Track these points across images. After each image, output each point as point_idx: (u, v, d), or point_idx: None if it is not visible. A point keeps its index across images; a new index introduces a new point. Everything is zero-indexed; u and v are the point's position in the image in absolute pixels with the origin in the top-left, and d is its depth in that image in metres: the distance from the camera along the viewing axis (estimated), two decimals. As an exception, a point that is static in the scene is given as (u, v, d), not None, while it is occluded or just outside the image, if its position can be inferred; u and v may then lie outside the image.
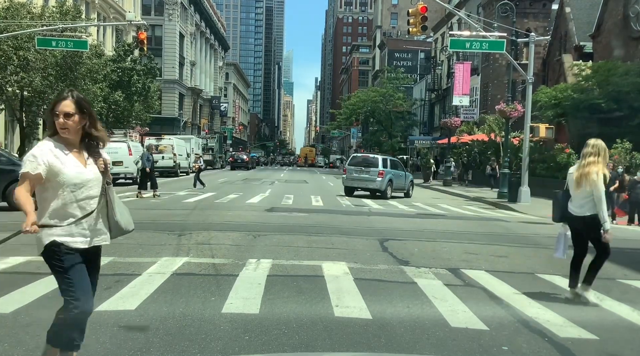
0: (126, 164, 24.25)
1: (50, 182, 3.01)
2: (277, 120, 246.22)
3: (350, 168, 21.37)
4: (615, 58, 25.91)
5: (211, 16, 76.47)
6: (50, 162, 2.98)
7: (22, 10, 24.09)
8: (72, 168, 3.04)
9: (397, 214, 15.29)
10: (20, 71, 23.10)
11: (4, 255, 7.26)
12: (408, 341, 4.33)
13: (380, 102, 54.15)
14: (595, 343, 4.52)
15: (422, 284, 6.31)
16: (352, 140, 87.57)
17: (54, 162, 2.99)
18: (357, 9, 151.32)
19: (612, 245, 6.11)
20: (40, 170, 2.95)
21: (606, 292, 6.33)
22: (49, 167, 2.97)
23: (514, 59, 21.41)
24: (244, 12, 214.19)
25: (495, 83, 39.58)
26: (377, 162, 20.93)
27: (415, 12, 19.14)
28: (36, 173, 2.95)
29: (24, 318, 4.59)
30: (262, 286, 5.92)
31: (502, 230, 12.53)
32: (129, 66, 33.58)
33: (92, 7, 39.74)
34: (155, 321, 4.58)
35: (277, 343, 4.16)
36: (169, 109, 56.07)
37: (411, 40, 65.96)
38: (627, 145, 19.76)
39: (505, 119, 22.64)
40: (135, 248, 8.08)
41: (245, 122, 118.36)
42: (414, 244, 9.55)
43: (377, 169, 20.51)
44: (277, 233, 10.15)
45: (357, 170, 20.99)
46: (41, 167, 2.96)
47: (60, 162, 3.01)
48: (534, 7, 38.53)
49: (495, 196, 21.70)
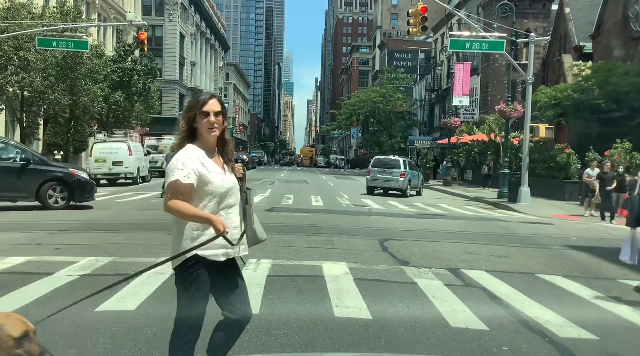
0: (126, 164, 24.26)
1: (197, 192, 2.77)
2: (277, 120, 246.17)
3: (374, 170, 23.11)
4: (615, 58, 25.90)
5: (211, 16, 76.46)
6: (199, 170, 2.76)
7: (23, 11, 24.08)
8: (217, 176, 2.82)
9: (397, 214, 15.29)
10: (21, 71, 23.09)
11: (4, 255, 7.26)
12: (408, 341, 4.34)
13: (380, 102, 54.19)
14: (595, 343, 4.52)
15: (422, 284, 6.31)
16: (352, 140, 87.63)
17: (202, 169, 2.77)
18: (357, 9, 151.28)
19: (611, 245, 6.11)
20: (191, 180, 2.73)
21: (606, 292, 6.33)
22: (198, 176, 2.75)
23: (513, 59, 21.41)
24: (244, 12, 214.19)
25: (495, 83, 39.58)
26: (399, 164, 22.81)
27: (415, 13, 19.14)
28: (187, 182, 2.72)
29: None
30: (262, 286, 5.93)
31: (502, 230, 12.53)
32: (129, 66, 33.55)
33: (93, 8, 39.75)
34: (155, 321, 4.58)
35: (277, 343, 4.16)
36: (169, 109, 56.06)
37: (411, 40, 65.94)
38: (627, 145, 19.75)
39: (505, 119, 22.64)
40: (135, 248, 8.09)
41: (245, 122, 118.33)
42: (414, 244, 9.55)
43: (399, 170, 22.41)
44: (277, 233, 10.14)
45: (380, 172, 22.80)
46: (192, 175, 2.73)
47: (207, 170, 2.79)
48: (533, 8, 38.53)
49: (494, 196, 21.69)
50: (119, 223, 11.42)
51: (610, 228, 14.04)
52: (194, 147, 2.83)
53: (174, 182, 2.72)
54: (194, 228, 2.78)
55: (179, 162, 2.75)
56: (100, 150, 24.51)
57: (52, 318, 3.17)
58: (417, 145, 52.94)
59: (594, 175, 16.65)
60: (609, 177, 15.53)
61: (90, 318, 4.62)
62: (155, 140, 35.06)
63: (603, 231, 13.28)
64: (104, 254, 7.48)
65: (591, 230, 13.43)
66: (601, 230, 13.53)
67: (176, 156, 2.80)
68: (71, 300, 5.35)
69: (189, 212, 2.72)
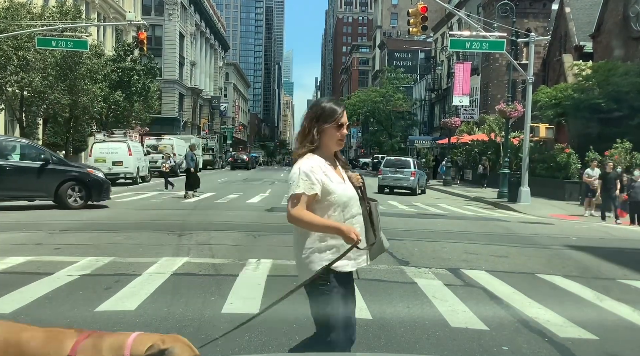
0: (126, 164, 24.28)
1: (320, 203, 2.71)
2: (277, 120, 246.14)
3: (386, 170, 24.32)
4: (615, 58, 25.91)
5: (211, 16, 76.45)
6: (323, 180, 2.69)
7: (22, 10, 24.09)
8: (339, 186, 2.75)
9: (397, 214, 15.28)
10: (20, 71, 23.09)
11: (4, 255, 7.26)
12: (408, 341, 4.33)
13: (380, 102, 54.20)
14: (595, 343, 4.52)
15: (422, 284, 6.31)
16: (352, 140, 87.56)
17: (325, 179, 2.70)
18: (357, 9, 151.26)
19: (612, 245, 6.12)
20: (316, 190, 2.66)
21: (606, 292, 6.33)
22: (322, 186, 2.69)
23: (514, 59, 21.42)
24: (244, 12, 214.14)
25: (495, 83, 39.59)
26: (410, 164, 24.22)
27: (415, 12, 19.13)
28: (312, 194, 2.65)
29: (24, 318, 4.58)
30: (262, 286, 5.92)
31: (502, 230, 12.52)
32: (129, 66, 33.55)
33: (92, 7, 39.74)
34: (155, 321, 4.58)
35: (277, 343, 4.16)
36: (169, 109, 56.05)
37: (411, 40, 65.95)
38: (627, 145, 19.75)
39: (505, 119, 22.65)
40: (135, 248, 8.09)
41: (245, 122, 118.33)
42: (414, 244, 9.55)
43: (410, 170, 23.65)
44: (277, 233, 10.13)
45: (392, 171, 23.94)
46: (316, 186, 2.66)
47: (329, 180, 2.72)
48: (534, 7, 38.54)
49: (494, 196, 21.70)
50: (119, 223, 11.42)
51: (611, 228, 14.04)
52: (316, 156, 2.75)
53: (298, 194, 2.65)
54: (318, 239, 2.70)
55: (302, 172, 2.68)
56: (100, 150, 24.53)
57: (52, 318, 3.17)
58: (417, 145, 52.97)
59: (594, 175, 16.65)
60: (612, 177, 15.51)
61: (91, 318, 4.62)
62: (155, 140, 35.08)
63: (603, 231, 13.28)
64: (104, 254, 7.47)
65: (591, 230, 13.43)
66: (601, 230, 13.53)
67: (298, 166, 2.72)
68: (71, 300, 5.36)
69: (317, 222, 2.66)
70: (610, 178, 15.50)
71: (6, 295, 5.27)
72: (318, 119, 2.76)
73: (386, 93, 53.85)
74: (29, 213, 12.81)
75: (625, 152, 19.62)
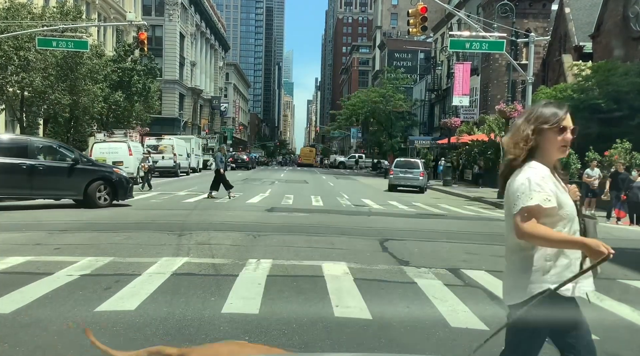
0: (126, 164, 24.27)
1: (550, 217, 2.39)
2: (277, 120, 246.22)
3: (397, 170, 26.21)
4: (615, 58, 25.90)
5: (211, 16, 76.48)
6: (555, 191, 2.40)
7: (23, 11, 24.11)
8: (568, 197, 2.46)
9: (397, 214, 15.28)
10: (21, 71, 23.11)
11: (4, 255, 7.26)
12: (408, 341, 4.33)
13: (380, 102, 54.18)
14: (595, 343, 4.51)
15: (422, 284, 6.31)
16: (352, 141, 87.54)
17: (556, 190, 2.42)
18: (357, 9, 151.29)
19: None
20: (553, 202, 2.36)
21: (606, 292, 6.32)
22: (556, 198, 2.39)
23: (513, 59, 21.44)
24: (244, 12, 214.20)
25: (495, 83, 39.57)
26: (419, 165, 26.39)
27: (415, 13, 19.14)
28: (550, 206, 2.36)
29: (24, 318, 4.59)
30: (262, 286, 5.92)
31: (502, 230, 12.49)
32: (129, 66, 33.58)
33: (93, 8, 39.76)
34: (155, 321, 4.58)
35: (277, 343, 4.15)
36: (169, 109, 56.07)
37: (411, 40, 65.96)
38: (627, 145, 19.75)
39: (505, 119, 22.68)
40: (135, 248, 8.09)
41: (245, 122, 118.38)
42: (414, 244, 9.55)
43: (419, 170, 25.79)
44: (277, 233, 10.14)
45: (402, 171, 25.89)
46: (552, 198, 2.36)
47: (560, 191, 2.43)
48: (533, 8, 38.53)
49: (494, 196, 21.67)
50: (118, 223, 11.41)
51: (611, 228, 14.04)
52: (540, 164, 2.45)
53: (532, 207, 2.34)
54: (546, 258, 2.41)
55: (533, 183, 2.37)
56: (100, 150, 24.53)
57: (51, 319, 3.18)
58: (417, 145, 52.98)
59: (594, 175, 16.65)
60: (623, 177, 15.49)
61: (91, 318, 4.62)
62: (155, 140, 35.07)
63: (604, 231, 13.26)
64: (104, 254, 7.47)
65: (591, 230, 13.39)
66: (601, 230, 13.50)
67: (526, 176, 2.40)
68: (71, 300, 5.37)
69: (555, 238, 2.35)
70: (621, 179, 15.47)
71: (6, 295, 5.27)
72: (539, 121, 2.46)
73: (386, 94, 53.84)
74: (29, 213, 12.81)
75: (625, 152, 19.62)
